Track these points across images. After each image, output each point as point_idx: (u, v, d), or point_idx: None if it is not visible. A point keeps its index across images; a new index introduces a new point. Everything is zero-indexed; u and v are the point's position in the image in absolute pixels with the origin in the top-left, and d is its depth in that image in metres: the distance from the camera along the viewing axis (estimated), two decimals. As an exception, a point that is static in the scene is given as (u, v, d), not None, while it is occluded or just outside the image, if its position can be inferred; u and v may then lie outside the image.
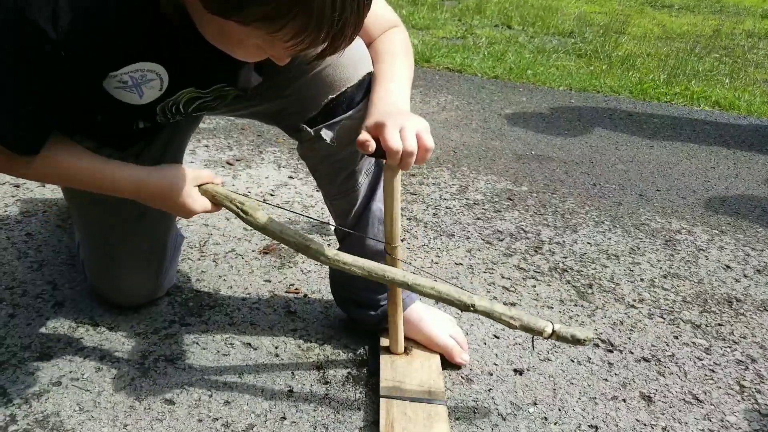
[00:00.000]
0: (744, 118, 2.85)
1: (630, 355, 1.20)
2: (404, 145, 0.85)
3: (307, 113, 1.01)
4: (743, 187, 2.07)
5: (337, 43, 0.73)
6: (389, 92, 0.97)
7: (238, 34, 0.75)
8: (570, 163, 2.18)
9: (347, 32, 0.72)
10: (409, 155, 0.85)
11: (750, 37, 4.66)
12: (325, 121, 1.01)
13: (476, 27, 4.60)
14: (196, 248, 1.44)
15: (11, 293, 1.23)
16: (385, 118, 0.87)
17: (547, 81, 3.25)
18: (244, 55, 0.81)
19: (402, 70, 1.02)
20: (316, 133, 1.01)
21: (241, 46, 0.78)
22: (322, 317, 1.23)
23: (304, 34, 0.70)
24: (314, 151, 1.06)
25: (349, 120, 1.01)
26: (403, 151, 0.85)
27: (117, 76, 0.83)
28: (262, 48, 0.77)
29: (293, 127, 1.05)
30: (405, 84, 1.00)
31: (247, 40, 0.76)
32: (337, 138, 1.01)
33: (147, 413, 0.97)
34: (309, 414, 0.99)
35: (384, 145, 0.85)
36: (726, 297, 1.42)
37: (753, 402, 1.10)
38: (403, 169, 0.88)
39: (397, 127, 0.86)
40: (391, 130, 0.85)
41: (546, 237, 1.63)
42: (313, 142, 1.03)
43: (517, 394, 1.07)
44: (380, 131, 0.86)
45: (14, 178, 1.71)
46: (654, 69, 3.59)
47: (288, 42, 0.71)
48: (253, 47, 0.77)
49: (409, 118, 0.88)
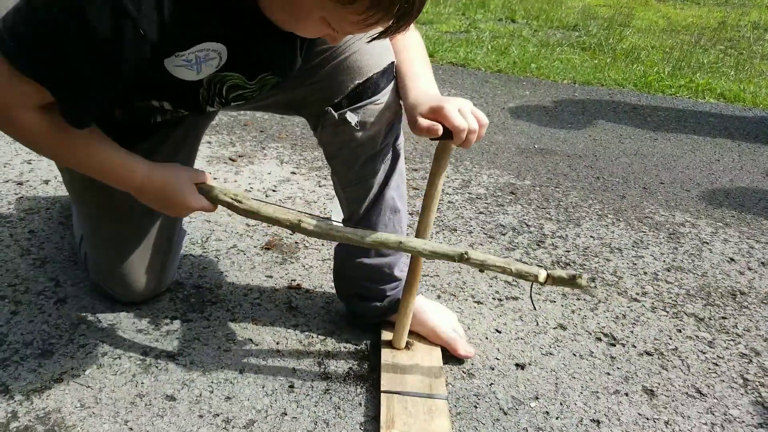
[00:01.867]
0: (749, 110, 2.83)
1: (633, 348, 1.19)
2: (468, 123, 0.91)
3: (333, 99, 1.04)
4: (748, 179, 2.06)
5: (403, 21, 0.75)
6: (427, 84, 1.03)
7: (308, 7, 0.76)
8: (573, 156, 2.17)
9: (414, 11, 0.74)
10: (472, 132, 0.92)
11: (756, 29, 4.63)
12: (350, 105, 1.03)
13: (480, 21, 4.58)
14: (197, 244, 1.44)
15: (14, 290, 1.23)
16: (441, 102, 0.92)
17: (551, 74, 3.23)
18: (306, 30, 0.83)
19: (428, 68, 1.07)
20: (341, 116, 1.03)
21: (305, 19, 0.79)
22: (324, 312, 1.23)
23: (378, 6, 0.71)
24: (336, 136, 1.07)
25: (373, 105, 1.03)
26: (468, 129, 0.91)
27: (184, 55, 0.84)
28: (326, 22, 0.78)
29: (316, 113, 1.07)
30: (434, 81, 1.06)
31: (315, 13, 0.77)
32: (360, 122, 1.03)
33: (148, 409, 0.97)
34: (310, 409, 0.99)
35: (450, 125, 0.91)
36: (730, 290, 1.41)
37: (756, 395, 1.09)
38: (465, 147, 0.94)
39: (456, 107, 0.92)
40: (453, 112, 0.91)
41: (549, 231, 1.63)
42: (336, 126, 1.05)
43: (518, 389, 1.07)
44: (440, 114, 0.92)
45: (18, 175, 1.72)
46: (658, 62, 3.57)
47: (361, 15, 0.73)
48: (318, 21, 0.78)
49: (460, 100, 0.94)
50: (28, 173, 1.74)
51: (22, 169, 1.76)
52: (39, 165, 1.79)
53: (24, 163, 1.80)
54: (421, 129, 0.92)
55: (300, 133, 2.17)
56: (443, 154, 0.97)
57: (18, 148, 1.90)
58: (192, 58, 0.85)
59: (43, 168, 1.78)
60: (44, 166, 1.78)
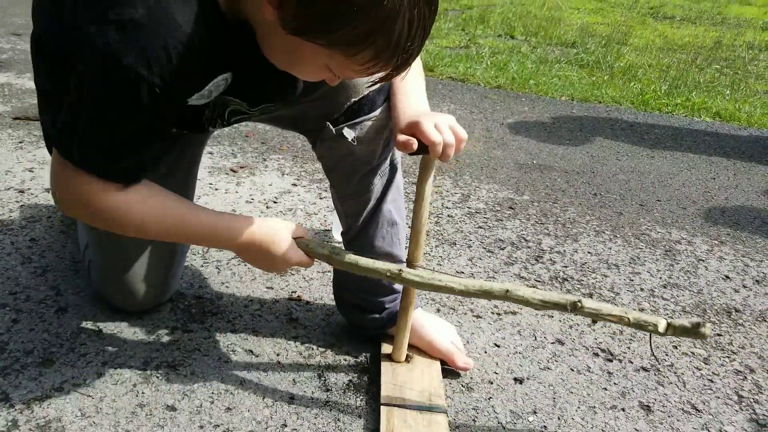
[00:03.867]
0: (744, 129, 2.86)
1: (629, 364, 1.20)
2: (443, 137, 0.92)
3: (331, 115, 1.06)
4: (743, 197, 2.08)
5: (401, 69, 0.78)
6: (414, 102, 1.04)
7: (310, 55, 0.78)
8: (571, 172, 2.19)
9: (411, 60, 0.77)
10: (448, 146, 0.93)
11: (751, 49, 4.68)
12: (347, 121, 1.05)
13: (479, 37, 4.62)
14: (199, 255, 1.45)
15: (14, 298, 1.24)
16: (418, 118, 0.94)
17: (549, 91, 3.26)
18: (305, 74, 0.85)
19: (420, 84, 1.08)
20: (338, 131, 1.06)
21: (306, 65, 0.81)
22: (324, 324, 1.24)
23: (379, 58, 0.74)
24: (333, 150, 1.10)
25: (370, 120, 1.06)
26: (443, 143, 0.92)
27: (201, 93, 0.86)
28: (328, 68, 0.80)
29: (314, 128, 1.10)
30: (424, 95, 1.07)
31: (316, 61, 0.79)
32: (357, 137, 1.05)
33: (149, 419, 0.98)
34: (310, 421, 0.99)
35: (425, 139, 0.92)
36: (725, 307, 1.43)
37: (751, 412, 1.10)
38: (442, 160, 0.95)
39: (432, 122, 0.93)
40: (428, 126, 0.92)
41: (547, 246, 1.64)
42: (333, 140, 1.07)
43: (517, 403, 1.08)
44: (416, 129, 0.93)
45: (19, 183, 1.73)
46: (655, 80, 3.61)
47: (363, 65, 0.75)
48: (319, 67, 0.80)
49: (438, 115, 0.96)
50: (30, 181, 1.75)
51: (24, 177, 1.77)
52: (41, 173, 1.80)
53: (26, 171, 1.81)
54: (397, 144, 0.95)
55: (301, 145, 2.19)
56: (425, 167, 0.99)
57: (20, 156, 1.91)
58: (206, 93, 0.87)
59: (44, 176, 1.78)
60: (46, 174, 1.79)
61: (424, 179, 0.99)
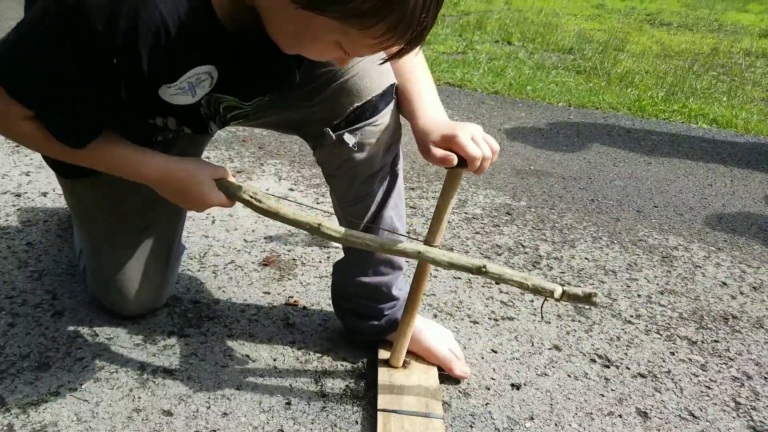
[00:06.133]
0: (741, 136, 2.87)
1: (626, 370, 1.20)
2: (482, 151, 0.92)
3: (332, 120, 1.04)
4: (740, 204, 2.09)
5: (416, 43, 0.77)
6: (435, 109, 1.03)
7: (322, 31, 0.76)
8: (568, 178, 2.20)
9: (425, 34, 0.76)
10: (486, 160, 0.92)
11: (747, 56, 4.70)
12: (348, 126, 1.04)
13: (477, 42, 4.64)
14: (195, 259, 1.45)
15: (11, 302, 1.23)
16: (453, 130, 0.93)
17: (547, 97, 3.27)
18: (315, 53, 0.83)
19: (433, 89, 1.07)
20: (338, 137, 1.04)
21: (317, 43, 0.79)
22: (321, 330, 1.24)
23: (394, 30, 0.73)
24: (333, 156, 1.08)
25: (371, 126, 1.04)
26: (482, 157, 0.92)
27: (176, 84, 0.85)
28: (339, 46, 0.79)
29: (315, 133, 1.08)
30: (439, 101, 1.06)
31: (328, 37, 0.77)
32: (358, 143, 1.04)
33: (145, 424, 0.97)
34: (306, 427, 0.99)
35: (465, 155, 0.91)
36: (722, 314, 1.43)
37: (748, 419, 1.10)
38: (478, 174, 0.94)
39: (468, 135, 0.92)
40: (467, 140, 0.92)
41: (544, 252, 1.64)
42: (333, 146, 1.06)
43: (514, 409, 1.07)
44: (454, 143, 0.92)
45: (16, 187, 1.72)
46: (652, 86, 3.62)
47: (376, 39, 0.74)
48: (330, 45, 0.79)
49: (471, 126, 0.94)
50: (27, 185, 1.75)
51: (21, 181, 1.77)
52: (37, 177, 1.80)
53: (22, 175, 1.81)
54: (435, 159, 0.93)
55: (298, 150, 2.19)
56: (455, 180, 0.97)
57: (16, 160, 1.91)
58: (185, 86, 0.86)
59: (41, 180, 1.78)
60: (43, 178, 1.79)
61: (451, 193, 0.97)
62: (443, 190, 0.98)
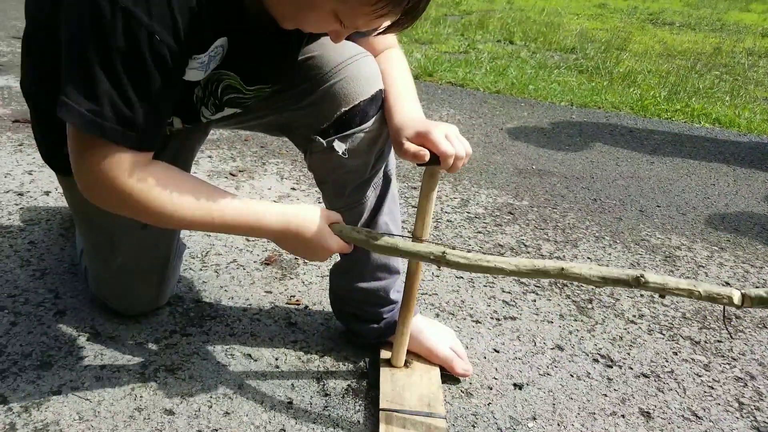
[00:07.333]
0: (744, 136, 2.86)
1: (629, 370, 1.20)
2: (455, 149, 0.91)
3: (320, 124, 1.03)
4: (743, 204, 2.08)
5: (411, 16, 0.77)
6: (412, 108, 1.02)
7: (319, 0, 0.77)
8: (571, 178, 2.19)
9: (420, 8, 0.76)
10: (459, 158, 0.92)
11: (750, 56, 4.69)
12: (337, 132, 1.02)
13: (479, 42, 4.63)
14: (197, 258, 1.45)
15: (13, 301, 1.23)
16: (428, 127, 0.92)
17: (549, 96, 3.27)
18: (312, 25, 0.83)
19: (412, 88, 1.07)
20: (328, 144, 1.03)
21: (314, 11, 0.79)
22: (323, 329, 1.24)
23: None
24: (324, 162, 1.07)
25: (362, 132, 1.03)
26: (455, 155, 0.91)
27: (201, 57, 0.84)
28: (336, 17, 0.79)
29: (304, 137, 1.07)
30: (417, 98, 1.06)
31: (325, 6, 0.77)
32: (349, 150, 1.03)
33: (146, 423, 0.97)
34: (308, 426, 0.99)
35: (438, 151, 0.91)
36: (725, 314, 1.42)
37: (752, 419, 1.10)
38: (451, 172, 0.93)
39: (442, 133, 0.92)
40: (440, 137, 0.91)
41: (546, 251, 1.64)
42: (324, 153, 1.04)
43: (516, 409, 1.07)
44: (427, 139, 0.92)
45: (18, 185, 1.72)
46: (655, 86, 3.61)
47: (372, 6, 0.74)
48: (327, 15, 0.79)
49: (446, 125, 0.94)
50: (29, 184, 1.75)
51: (23, 180, 1.77)
52: (40, 176, 1.80)
53: (25, 174, 1.81)
54: (407, 154, 0.92)
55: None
56: (432, 179, 0.96)
57: (19, 159, 1.91)
58: (206, 59, 0.85)
59: (44, 179, 1.78)
60: (45, 177, 1.79)
61: (430, 191, 0.96)
62: (422, 189, 0.97)
